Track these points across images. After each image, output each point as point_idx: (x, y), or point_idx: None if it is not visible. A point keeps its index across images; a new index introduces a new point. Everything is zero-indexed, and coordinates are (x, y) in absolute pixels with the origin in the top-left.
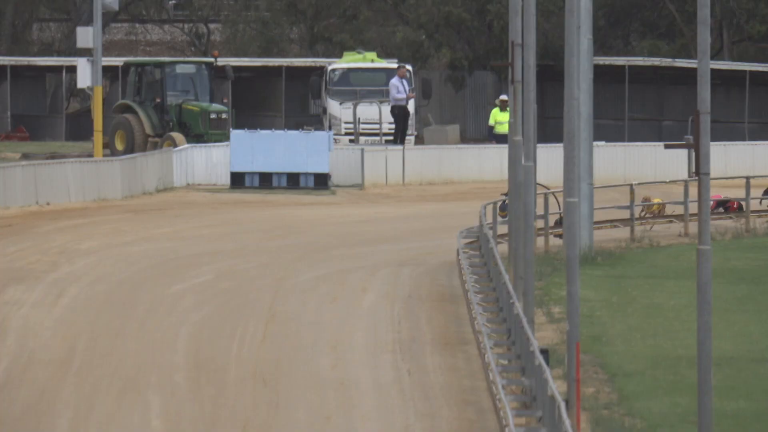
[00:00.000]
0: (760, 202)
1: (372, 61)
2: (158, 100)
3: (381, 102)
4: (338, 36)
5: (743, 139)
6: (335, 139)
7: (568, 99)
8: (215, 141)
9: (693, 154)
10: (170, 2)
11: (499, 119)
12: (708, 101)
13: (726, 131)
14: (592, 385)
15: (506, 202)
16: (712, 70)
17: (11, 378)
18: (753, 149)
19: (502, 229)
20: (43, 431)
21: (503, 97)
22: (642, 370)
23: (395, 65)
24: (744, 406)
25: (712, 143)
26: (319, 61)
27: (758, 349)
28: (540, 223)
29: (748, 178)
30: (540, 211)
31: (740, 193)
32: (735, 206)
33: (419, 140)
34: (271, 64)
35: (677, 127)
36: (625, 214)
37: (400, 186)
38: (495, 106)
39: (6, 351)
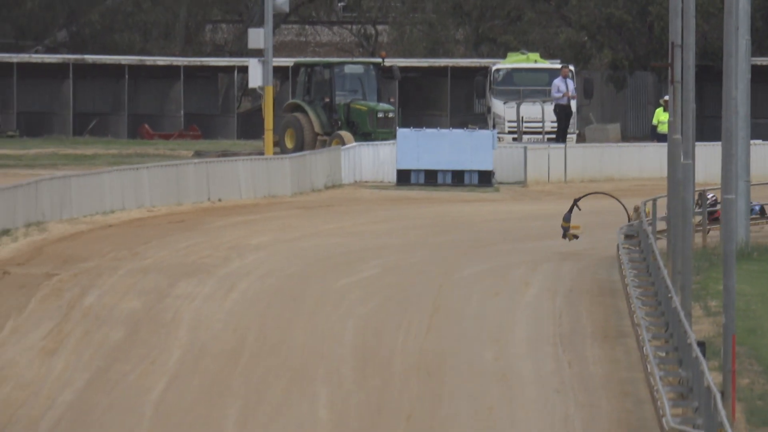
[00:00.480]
0: None
1: (535, 61)
2: (327, 100)
3: (544, 101)
4: (502, 37)
5: None
6: (499, 138)
7: (726, 98)
8: (382, 139)
9: None
10: (339, 4)
11: (662, 119)
12: None
13: None
14: (747, 377)
15: (571, 211)
16: None
17: (183, 369)
18: None
19: (661, 225)
20: (214, 421)
21: (667, 97)
22: None
23: (558, 65)
24: None
25: None
26: (484, 62)
27: None
28: (697, 219)
29: None
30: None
31: None
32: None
33: (581, 138)
34: (436, 64)
35: None
36: None
37: (562, 183)
38: (658, 105)
39: (178, 343)
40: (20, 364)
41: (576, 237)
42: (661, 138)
